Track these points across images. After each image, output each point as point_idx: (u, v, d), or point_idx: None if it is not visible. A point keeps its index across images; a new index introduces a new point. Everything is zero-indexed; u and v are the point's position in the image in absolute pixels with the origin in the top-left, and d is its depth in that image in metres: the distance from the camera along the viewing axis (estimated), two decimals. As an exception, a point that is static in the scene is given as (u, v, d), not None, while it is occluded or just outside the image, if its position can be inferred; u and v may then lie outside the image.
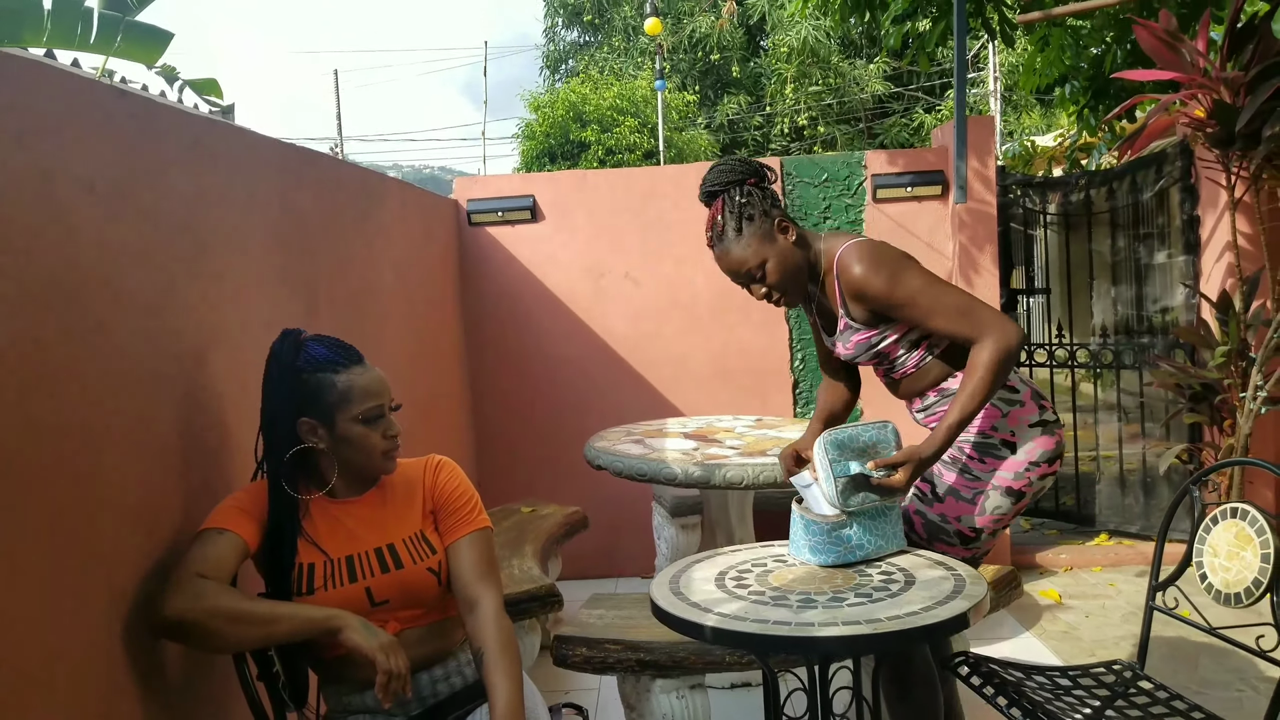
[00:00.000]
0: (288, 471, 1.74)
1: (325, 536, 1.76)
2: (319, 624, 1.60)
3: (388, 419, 1.80)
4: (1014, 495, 2.08)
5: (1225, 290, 3.98)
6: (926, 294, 1.96)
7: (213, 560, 1.61)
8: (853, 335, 2.09)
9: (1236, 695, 2.92)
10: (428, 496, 1.86)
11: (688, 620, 1.71)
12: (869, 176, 4.60)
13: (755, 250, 2.02)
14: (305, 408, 1.74)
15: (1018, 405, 2.08)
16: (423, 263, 4.00)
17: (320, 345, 1.78)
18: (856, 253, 1.99)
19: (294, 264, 2.48)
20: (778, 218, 2.05)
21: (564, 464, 4.52)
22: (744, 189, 2.05)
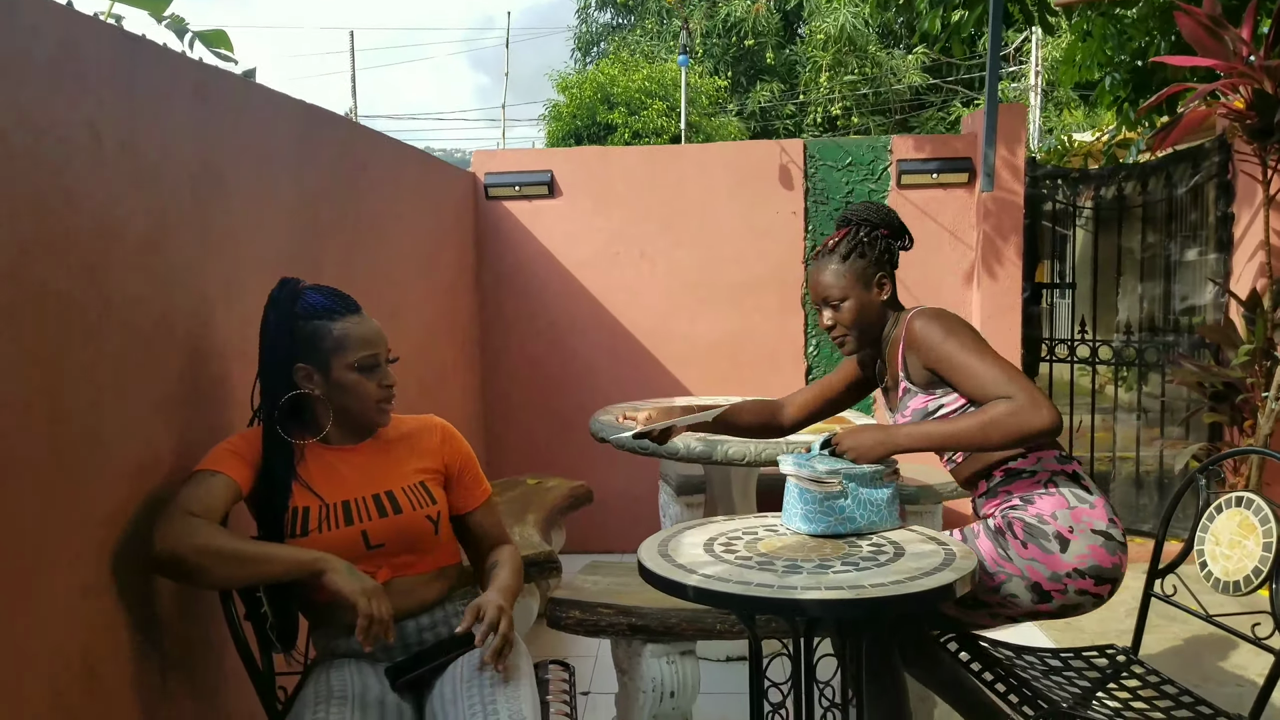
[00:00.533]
0: (283, 417, 1.76)
1: (321, 482, 1.77)
2: (306, 565, 1.61)
3: (383, 369, 1.82)
4: (1038, 593, 1.93)
5: (1255, 289, 3.90)
6: (974, 352, 1.95)
7: (204, 500, 1.62)
8: (910, 400, 2.08)
9: (1236, 690, 2.87)
10: (440, 460, 1.92)
11: (671, 580, 1.71)
12: (894, 162, 4.55)
13: (845, 284, 2.09)
14: (301, 354, 1.76)
15: (1086, 505, 1.95)
16: (438, 233, 4.01)
17: (318, 293, 1.80)
18: (927, 312, 2.05)
19: (303, 226, 2.49)
20: (881, 274, 2.11)
21: (572, 440, 4.52)
22: (875, 232, 2.12)
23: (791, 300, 4.63)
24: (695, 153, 4.72)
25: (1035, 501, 1.96)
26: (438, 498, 1.87)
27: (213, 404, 1.91)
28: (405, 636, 1.79)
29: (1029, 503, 1.97)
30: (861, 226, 2.12)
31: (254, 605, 1.73)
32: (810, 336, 4.66)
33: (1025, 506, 1.97)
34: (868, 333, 2.14)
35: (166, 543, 1.54)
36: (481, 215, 4.64)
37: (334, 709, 1.61)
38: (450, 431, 1.98)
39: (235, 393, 1.98)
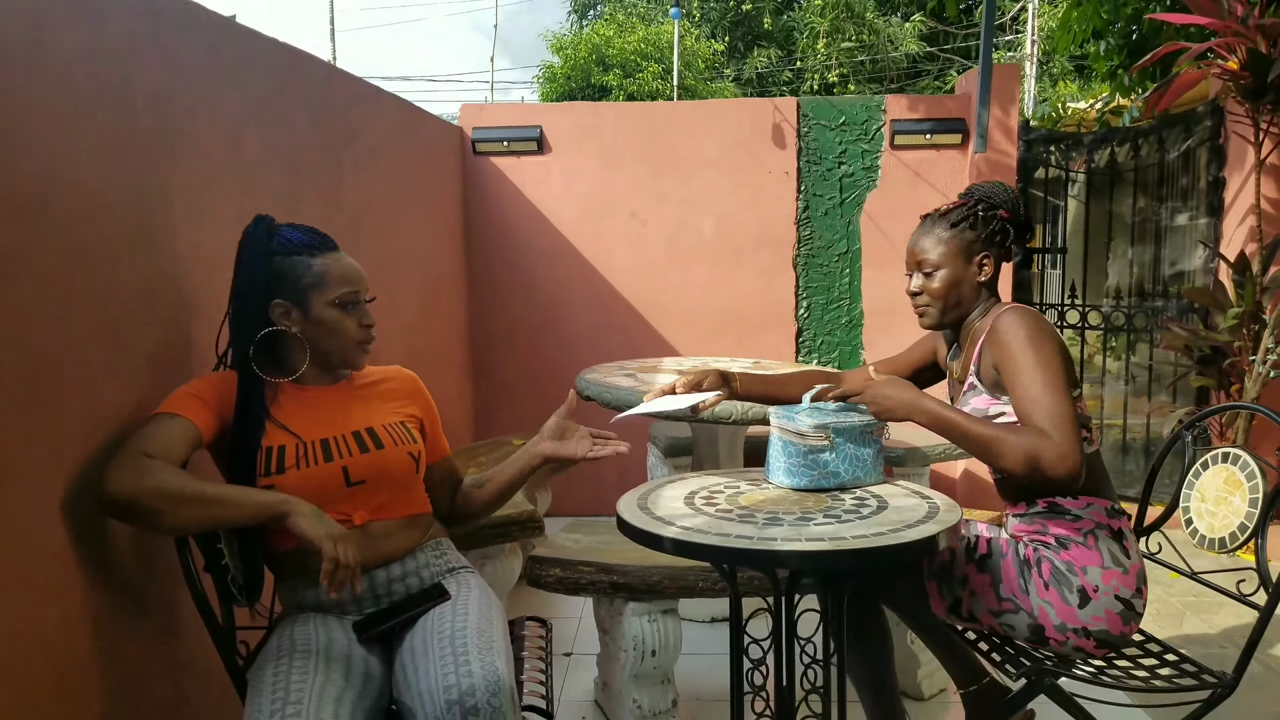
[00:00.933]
0: (258, 356, 1.72)
1: (297, 420, 1.74)
2: (270, 508, 1.57)
3: (363, 308, 1.79)
4: (1036, 636, 1.86)
5: (1244, 252, 3.87)
6: (1043, 371, 1.77)
7: (161, 442, 1.57)
8: (972, 398, 1.95)
9: (1219, 651, 2.87)
10: (416, 406, 1.92)
11: (648, 532, 1.67)
12: (887, 122, 4.49)
13: (945, 253, 1.96)
14: (278, 290, 1.72)
15: (1119, 570, 1.84)
16: (424, 187, 3.94)
17: (295, 230, 1.76)
18: (1020, 310, 1.88)
19: (280, 172, 2.43)
20: (985, 254, 1.97)
21: (560, 401, 4.47)
22: (993, 212, 1.97)
23: (783, 261, 4.59)
24: (688, 110, 4.65)
25: (1070, 549, 1.85)
26: (418, 439, 1.86)
27: (175, 352, 1.86)
28: (375, 587, 1.76)
29: (1064, 547, 1.85)
30: (982, 202, 1.98)
31: (214, 556, 1.69)
32: (800, 298, 4.62)
33: (1059, 550, 1.85)
34: (953, 310, 1.99)
35: (119, 484, 1.48)
36: (469, 171, 4.57)
37: (296, 662, 1.57)
38: (421, 384, 1.97)
39: (199, 340, 1.94)
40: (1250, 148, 3.82)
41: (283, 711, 1.45)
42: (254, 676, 1.59)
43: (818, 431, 1.89)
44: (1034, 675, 1.79)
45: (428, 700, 1.52)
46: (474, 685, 1.50)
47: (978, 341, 1.95)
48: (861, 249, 4.56)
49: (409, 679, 1.60)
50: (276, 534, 1.72)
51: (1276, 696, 2.66)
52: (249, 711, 1.49)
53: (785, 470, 1.94)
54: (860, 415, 1.95)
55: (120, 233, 1.67)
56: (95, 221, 1.59)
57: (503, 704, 1.50)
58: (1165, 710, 2.50)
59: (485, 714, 1.48)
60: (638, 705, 2.45)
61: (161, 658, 1.78)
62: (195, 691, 1.88)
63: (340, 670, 1.60)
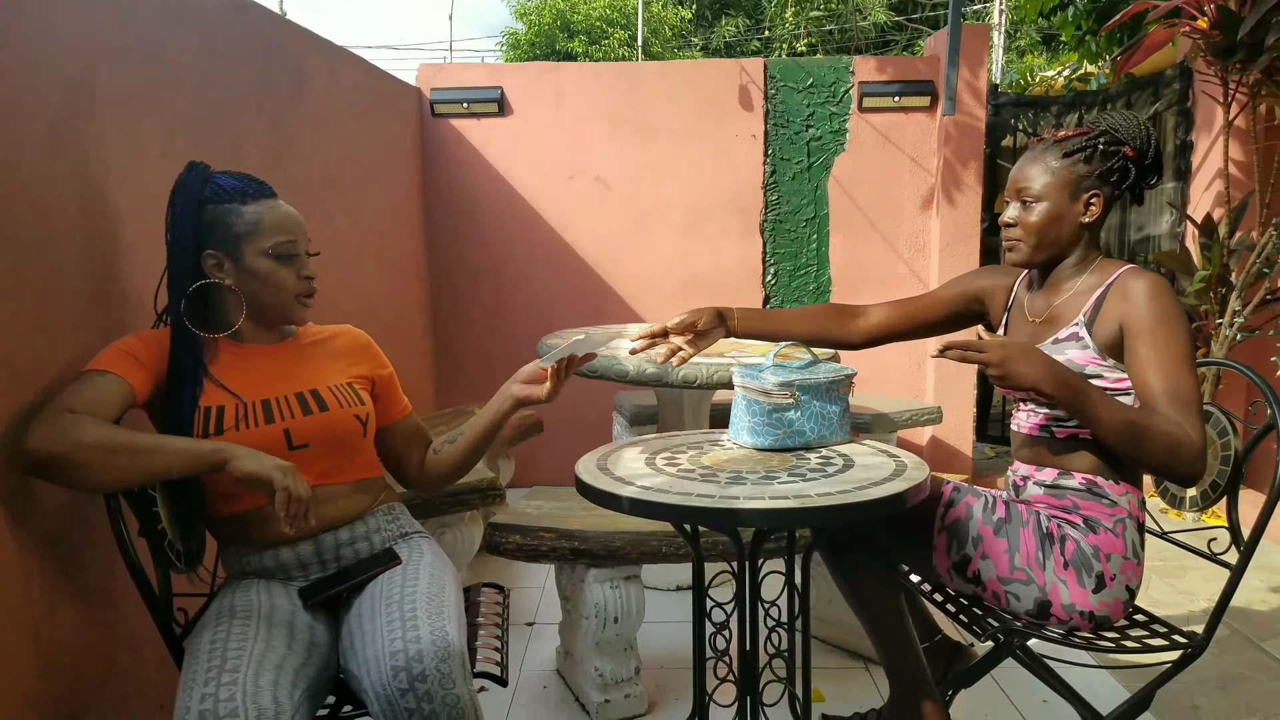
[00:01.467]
0: (191, 310, 1.62)
1: (236, 379, 1.65)
2: (204, 456, 1.48)
3: (302, 259, 1.70)
4: (1039, 611, 1.76)
5: (1210, 215, 3.85)
6: (1185, 353, 1.64)
7: (89, 399, 1.48)
8: (1071, 349, 1.76)
9: (1185, 613, 2.87)
10: (366, 368, 1.83)
11: (606, 491, 1.61)
12: (856, 84, 4.42)
13: (1049, 185, 1.79)
14: (210, 240, 1.63)
15: (1135, 561, 1.78)
16: (377, 148, 3.82)
17: (229, 177, 1.66)
18: (1151, 274, 1.72)
19: (216, 124, 2.32)
20: (1096, 194, 1.78)
21: (524, 367, 4.40)
22: (1116, 148, 1.78)
23: (750, 226, 4.52)
24: (653, 71, 4.54)
25: (1099, 534, 1.75)
26: (365, 400, 1.77)
27: (106, 304, 1.76)
28: (322, 552, 1.69)
29: (1092, 530, 1.76)
30: (1106, 134, 1.78)
31: (149, 520, 1.60)
32: (768, 264, 4.55)
33: (1087, 532, 1.76)
34: (1045, 249, 1.81)
35: (40, 440, 1.39)
36: (427, 133, 4.45)
37: (235, 628, 1.49)
38: (374, 345, 1.88)
39: (132, 294, 1.84)
40: (1219, 109, 3.79)
41: (218, 679, 1.37)
42: (191, 644, 1.51)
43: (782, 389, 1.83)
44: (1003, 637, 1.75)
45: (373, 667, 1.45)
46: (422, 651, 1.43)
47: (1089, 293, 1.77)
48: (829, 214, 4.50)
49: (355, 645, 1.53)
50: (218, 498, 1.64)
51: (1241, 657, 2.66)
52: (183, 679, 1.41)
53: (749, 429, 1.87)
54: (827, 371, 1.88)
55: (42, 181, 1.56)
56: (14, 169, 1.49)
57: (452, 670, 1.43)
58: (1129, 672, 2.49)
59: (433, 680, 1.41)
60: (599, 673, 2.39)
61: (96, 626, 1.70)
62: (132, 661, 1.80)
63: (282, 637, 1.52)
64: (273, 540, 1.66)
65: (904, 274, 4.51)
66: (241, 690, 1.36)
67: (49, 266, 1.58)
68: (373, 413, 1.78)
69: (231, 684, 1.36)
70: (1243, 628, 2.83)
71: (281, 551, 1.67)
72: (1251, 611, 2.93)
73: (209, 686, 1.36)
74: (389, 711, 1.42)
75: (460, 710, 1.43)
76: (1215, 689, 2.49)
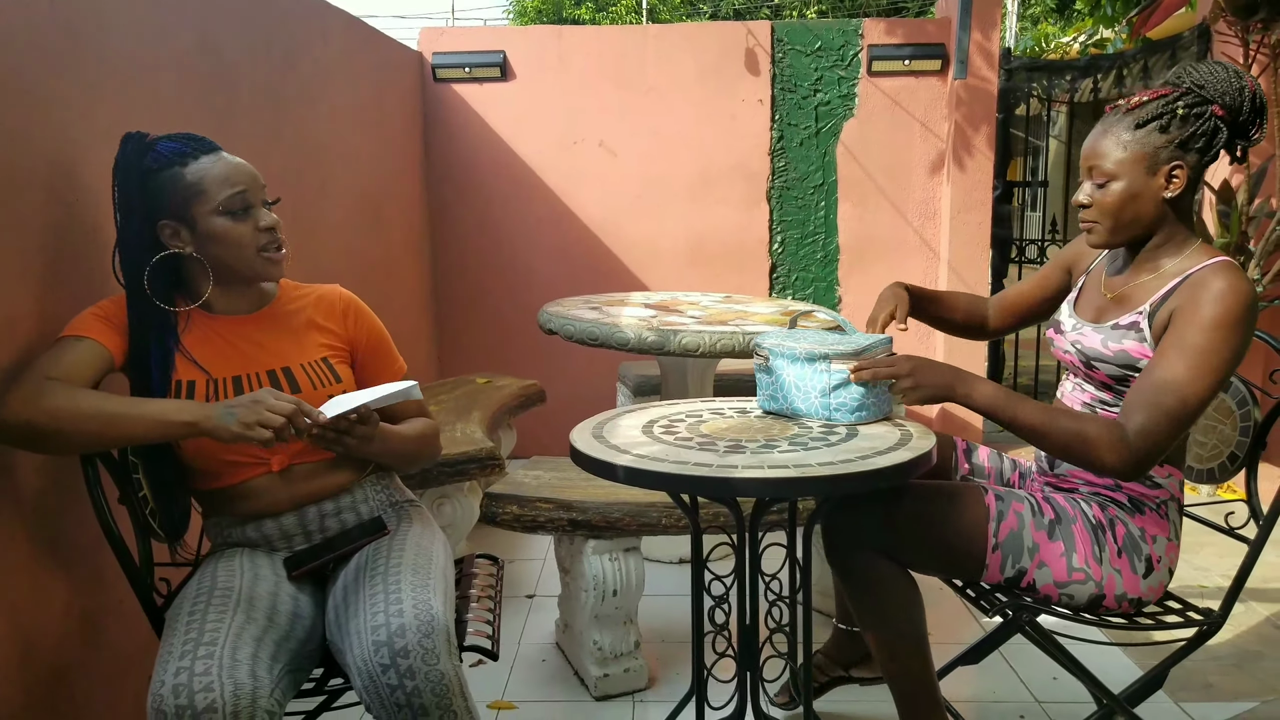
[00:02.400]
0: (160, 284, 1.55)
1: (208, 355, 1.59)
2: (175, 427, 1.42)
3: (257, 210, 1.59)
4: (1093, 606, 1.68)
5: (1227, 181, 3.75)
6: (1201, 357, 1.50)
7: (65, 365, 1.44)
8: (1126, 337, 1.64)
9: (1199, 589, 2.81)
10: (345, 336, 1.74)
11: (601, 460, 1.55)
12: (865, 47, 4.31)
13: (1122, 161, 1.61)
14: (160, 209, 1.54)
15: (1177, 544, 1.71)
16: (378, 114, 3.74)
17: (168, 141, 1.57)
18: (1234, 272, 1.56)
19: (214, 86, 2.24)
20: (1179, 165, 1.59)
21: (526, 340, 4.34)
22: (1202, 108, 1.58)
23: (756, 194, 4.43)
24: (658, 34, 4.44)
25: (1145, 514, 1.68)
26: (342, 376, 1.69)
27: (78, 266, 1.70)
28: (306, 523, 1.64)
29: (1138, 511, 1.68)
30: (1188, 95, 1.59)
31: (129, 487, 1.55)
32: (775, 232, 4.47)
33: (1133, 514, 1.68)
34: (1126, 228, 1.65)
35: (15, 407, 1.36)
36: (429, 98, 4.36)
37: (215, 601, 1.44)
38: (356, 304, 1.78)
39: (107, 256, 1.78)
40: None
41: (194, 653, 1.33)
42: (170, 617, 1.46)
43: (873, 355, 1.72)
44: (1012, 612, 1.69)
45: (356, 640, 1.40)
46: (404, 625, 1.38)
47: (1167, 280, 1.62)
48: (838, 180, 4.40)
49: (339, 618, 1.49)
50: (200, 474, 1.59)
51: (1257, 634, 2.60)
52: (161, 653, 1.37)
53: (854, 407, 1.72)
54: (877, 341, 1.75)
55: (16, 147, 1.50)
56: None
57: (436, 645, 1.38)
58: (1141, 649, 2.43)
59: (416, 655, 1.36)
60: (598, 646, 2.35)
61: (79, 596, 1.65)
62: (119, 632, 1.76)
63: (264, 610, 1.47)
64: (255, 513, 1.61)
65: (914, 241, 4.42)
66: (218, 664, 1.31)
67: (29, 232, 1.53)
68: (349, 387, 1.71)
69: (208, 658, 1.32)
70: (1258, 604, 2.77)
71: (265, 523, 1.62)
72: (1267, 588, 2.87)
73: (184, 660, 1.32)
74: (371, 687, 1.37)
75: (444, 686, 1.38)
76: (1230, 666, 2.43)
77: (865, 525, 1.69)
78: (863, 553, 1.70)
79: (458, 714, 1.39)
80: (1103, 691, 1.78)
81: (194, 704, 1.26)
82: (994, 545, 1.68)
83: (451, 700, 1.39)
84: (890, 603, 1.70)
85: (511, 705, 2.32)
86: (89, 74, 1.73)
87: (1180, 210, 1.64)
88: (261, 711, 1.29)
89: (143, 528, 1.56)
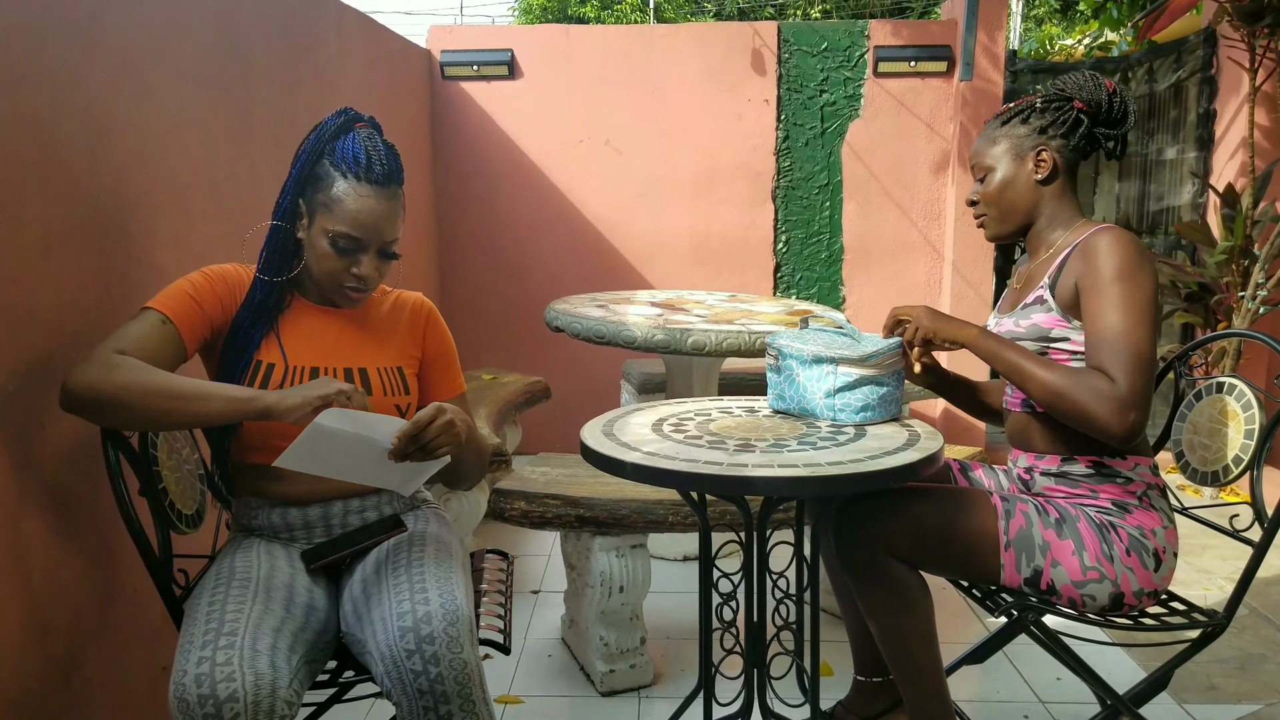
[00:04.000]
0: (283, 256, 1.60)
1: (293, 338, 1.62)
2: (243, 406, 1.44)
3: (364, 259, 1.60)
4: (1115, 604, 1.68)
5: (1232, 185, 3.76)
6: (1130, 310, 1.59)
7: (135, 340, 1.46)
8: (1035, 314, 1.73)
9: (1202, 592, 2.82)
10: (420, 343, 1.77)
11: (611, 457, 1.57)
12: (871, 48, 4.32)
13: (997, 154, 1.80)
14: (307, 191, 1.59)
15: (1173, 528, 1.73)
16: (391, 109, 3.76)
17: (359, 144, 1.58)
18: (1124, 234, 1.66)
19: (230, 76, 2.26)
20: (1041, 148, 1.77)
21: (532, 337, 4.36)
22: (1061, 105, 1.77)
23: (762, 193, 4.45)
24: (665, 34, 4.45)
25: (1133, 512, 1.70)
26: (411, 388, 1.71)
27: (99, 255, 1.72)
28: (329, 518, 1.65)
29: (1126, 511, 1.70)
30: (1043, 97, 1.79)
31: (149, 480, 1.57)
32: (779, 232, 4.48)
33: (1123, 515, 1.69)
34: (1011, 216, 1.81)
35: (85, 378, 1.38)
36: (437, 95, 4.38)
37: (234, 591, 1.46)
38: (437, 317, 1.81)
39: (136, 244, 1.80)
40: (1244, 75, 3.69)
41: (215, 643, 1.34)
42: (190, 606, 1.47)
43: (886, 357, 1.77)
44: (1017, 613, 1.70)
45: (380, 629, 1.42)
46: (430, 613, 1.40)
47: (1058, 254, 1.74)
48: (843, 181, 4.42)
49: (360, 609, 1.50)
50: (247, 448, 1.61)
51: (1260, 636, 2.62)
52: (182, 642, 1.38)
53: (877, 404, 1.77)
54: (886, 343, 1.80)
55: (47, 128, 1.52)
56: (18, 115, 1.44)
57: (460, 634, 1.40)
58: (1144, 651, 2.45)
59: (441, 643, 1.38)
60: (605, 643, 2.37)
61: (95, 582, 1.68)
62: (134, 620, 1.78)
63: (281, 600, 1.48)
64: (285, 497, 1.63)
65: (918, 242, 4.44)
66: (239, 654, 1.32)
67: (52, 214, 1.54)
68: (415, 402, 1.73)
69: (229, 648, 1.33)
70: (1261, 606, 2.78)
71: (290, 511, 1.64)
72: (1271, 590, 2.88)
73: (206, 650, 1.33)
74: (395, 673, 1.39)
75: (467, 675, 1.39)
76: (1234, 669, 2.45)
77: (874, 527, 1.71)
78: (873, 554, 1.71)
79: (476, 704, 1.41)
80: (1107, 692, 1.79)
81: (216, 693, 1.27)
82: (1005, 543, 1.69)
83: (472, 690, 1.40)
84: (900, 601, 1.71)
85: (518, 700, 2.34)
86: (112, 59, 1.75)
87: (1057, 192, 1.80)
88: (281, 701, 1.31)
89: (162, 518, 1.58)
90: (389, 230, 1.61)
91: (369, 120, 1.65)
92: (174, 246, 1.96)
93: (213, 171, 2.17)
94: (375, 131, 1.64)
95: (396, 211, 1.62)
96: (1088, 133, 1.77)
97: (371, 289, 1.64)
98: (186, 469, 1.72)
